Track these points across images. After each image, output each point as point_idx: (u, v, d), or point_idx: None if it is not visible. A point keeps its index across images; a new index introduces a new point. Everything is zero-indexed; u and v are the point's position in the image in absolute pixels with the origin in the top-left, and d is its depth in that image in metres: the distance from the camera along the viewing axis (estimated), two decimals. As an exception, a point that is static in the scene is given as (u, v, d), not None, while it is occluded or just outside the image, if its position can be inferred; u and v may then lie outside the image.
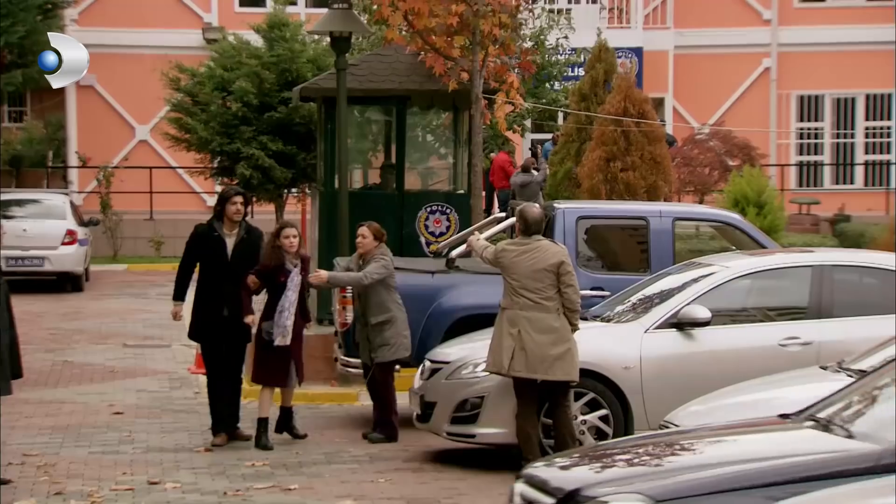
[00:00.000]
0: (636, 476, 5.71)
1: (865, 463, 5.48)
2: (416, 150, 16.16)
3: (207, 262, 10.84)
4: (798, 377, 8.42)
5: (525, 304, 9.57)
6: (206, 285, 10.83)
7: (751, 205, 17.29)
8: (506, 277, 9.75)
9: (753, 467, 5.55)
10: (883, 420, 5.87)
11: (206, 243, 10.83)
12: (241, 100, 17.16)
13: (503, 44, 14.95)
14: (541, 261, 9.62)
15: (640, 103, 17.22)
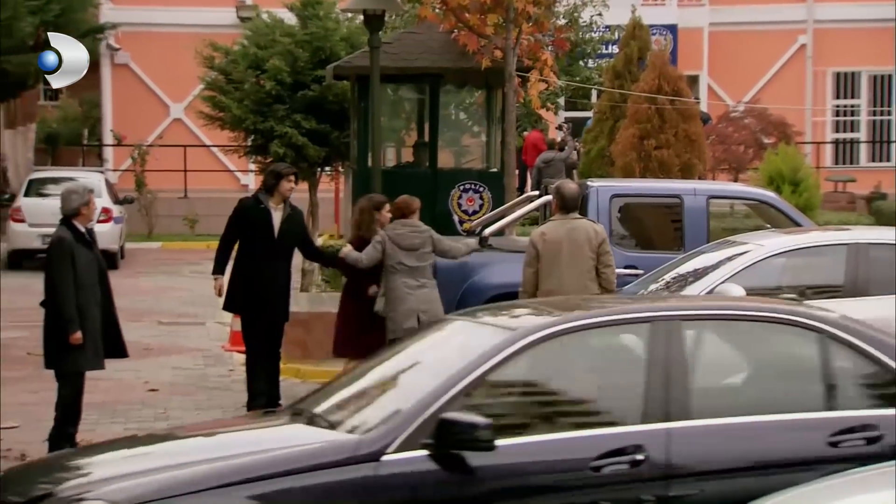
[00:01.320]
0: (109, 479, 5.46)
1: (344, 453, 5.51)
2: (450, 129, 16.16)
3: (253, 235, 10.68)
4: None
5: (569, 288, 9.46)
6: (251, 259, 10.68)
7: (786, 183, 17.19)
8: (543, 259, 9.57)
9: (229, 463, 5.47)
10: (362, 412, 5.90)
11: (253, 217, 10.70)
12: (274, 78, 17.17)
13: (537, 21, 14.90)
14: (583, 241, 9.49)
15: (674, 81, 17.13)
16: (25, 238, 21.40)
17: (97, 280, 9.47)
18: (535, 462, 5.60)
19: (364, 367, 6.56)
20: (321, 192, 18.80)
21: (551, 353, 5.83)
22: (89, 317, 9.33)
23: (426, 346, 6.38)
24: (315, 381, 12.93)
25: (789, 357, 6.04)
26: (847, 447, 5.64)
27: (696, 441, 5.61)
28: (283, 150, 17.06)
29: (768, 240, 10.50)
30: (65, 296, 9.25)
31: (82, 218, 9.49)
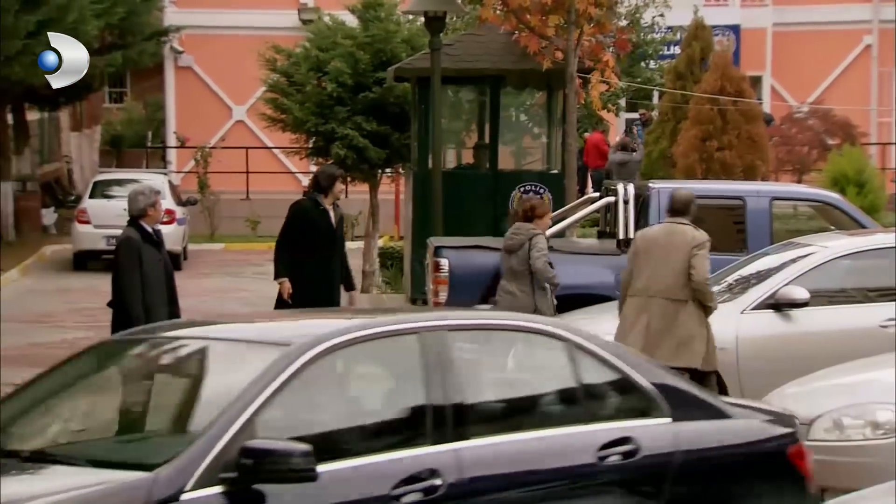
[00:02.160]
0: None
1: (136, 498, 4.74)
2: (510, 130, 16.14)
3: (312, 235, 10.73)
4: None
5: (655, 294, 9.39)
6: (311, 259, 10.70)
7: (850, 184, 17.01)
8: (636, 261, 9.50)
9: None
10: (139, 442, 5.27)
11: (314, 218, 10.73)
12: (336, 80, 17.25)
13: (598, 22, 14.85)
14: (680, 246, 9.38)
15: (737, 82, 17.00)
16: (91, 239, 21.66)
17: (164, 280, 9.56)
18: (329, 493, 4.96)
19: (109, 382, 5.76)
20: (381, 193, 18.86)
21: (325, 369, 5.26)
22: (157, 316, 9.39)
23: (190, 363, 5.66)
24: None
25: (556, 371, 5.88)
26: (611, 461, 5.56)
27: (485, 462, 5.31)
28: (344, 152, 17.13)
29: (833, 242, 10.40)
30: (132, 295, 9.32)
31: (149, 219, 9.56)
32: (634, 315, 9.42)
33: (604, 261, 11.61)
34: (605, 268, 11.54)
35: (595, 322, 10.33)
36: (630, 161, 22.25)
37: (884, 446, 7.01)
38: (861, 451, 7.07)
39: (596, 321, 10.36)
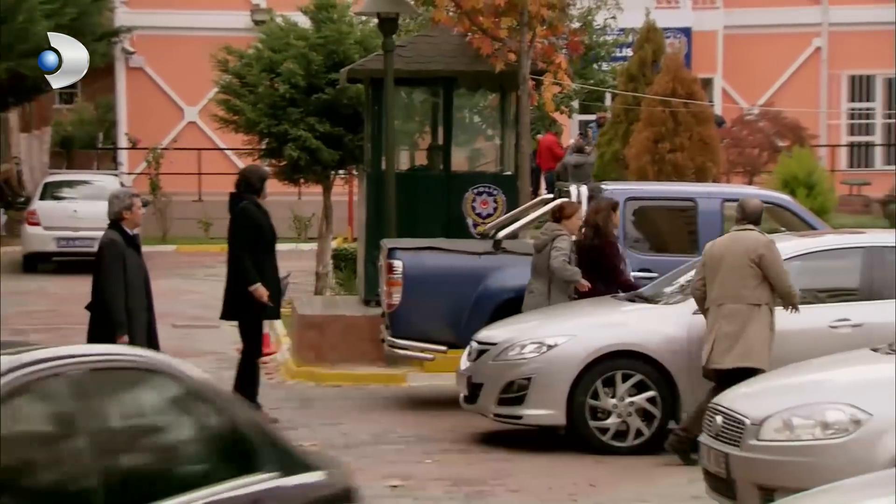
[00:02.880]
0: None
1: None
2: (463, 132, 16.14)
3: (264, 237, 10.88)
4: (848, 359, 8.35)
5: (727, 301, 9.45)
6: (266, 260, 10.86)
7: (801, 186, 17.15)
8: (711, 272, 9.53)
9: None
10: None
11: (261, 220, 10.89)
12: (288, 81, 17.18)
13: (551, 24, 14.88)
14: (749, 253, 9.42)
15: (688, 84, 17.10)
16: (41, 241, 21.46)
17: (143, 285, 9.51)
18: None
19: None
20: (335, 195, 18.81)
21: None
22: (137, 321, 9.36)
23: None
24: (329, 384, 12.95)
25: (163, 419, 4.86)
26: None
27: None
28: (297, 154, 17.07)
29: (783, 243, 10.47)
30: (116, 300, 9.28)
31: (127, 222, 9.52)
32: (711, 324, 9.46)
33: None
34: (559, 269, 11.56)
35: (548, 323, 10.37)
36: (585, 163, 22.34)
37: (833, 446, 7.06)
38: (811, 451, 7.12)
39: (549, 323, 10.40)
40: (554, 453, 9.95)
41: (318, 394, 12.52)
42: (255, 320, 10.99)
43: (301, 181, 18.62)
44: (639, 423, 9.91)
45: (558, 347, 9.98)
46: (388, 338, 11.90)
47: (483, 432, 10.64)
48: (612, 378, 9.94)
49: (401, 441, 10.47)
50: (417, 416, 11.39)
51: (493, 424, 10.52)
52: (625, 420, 9.91)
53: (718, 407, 7.69)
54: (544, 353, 10.00)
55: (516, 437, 10.43)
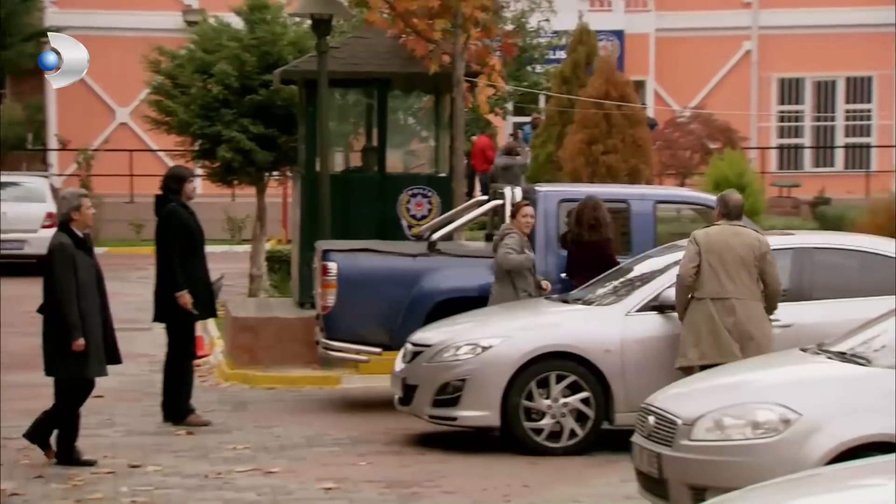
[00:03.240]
0: None
1: None
2: (398, 133, 16.15)
3: (193, 239, 10.86)
4: (778, 359, 8.46)
5: (740, 293, 9.49)
6: (196, 263, 10.85)
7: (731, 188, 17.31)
8: (709, 261, 9.55)
9: None
10: None
11: (188, 221, 10.85)
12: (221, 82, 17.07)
13: (485, 27, 14.92)
14: (750, 248, 9.53)
15: (621, 86, 17.22)
16: (-32, 243, 21.15)
17: (96, 286, 9.41)
18: None
19: None
20: (269, 196, 18.72)
21: None
22: (91, 323, 9.28)
23: None
24: (263, 386, 12.88)
25: None
26: None
27: None
28: (230, 155, 16.98)
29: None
30: (68, 302, 9.20)
31: (77, 223, 9.43)
32: (708, 317, 9.44)
33: (491, 264, 11.67)
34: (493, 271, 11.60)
35: (483, 325, 10.40)
36: (514, 165, 22.44)
37: (764, 446, 7.14)
38: (742, 451, 7.19)
39: (483, 324, 10.43)
40: (488, 454, 9.98)
41: (252, 396, 12.46)
42: (185, 323, 10.94)
43: (235, 183, 18.51)
44: (573, 424, 9.97)
45: (493, 349, 10.01)
46: (322, 340, 11.87)
47: (417, 434, 10.65)
48: (546, 379, 9.98)
49: (335, 443, 10.44)
50: (352, 418, 11.38)
51: (428, 426, 10.52)
52: (559, 421, 9.96)
53: (651, 407, 7.75)
54: (479, 354, 10.02)
55: (451, 439, 10.44)
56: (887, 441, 6.88)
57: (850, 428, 7.04)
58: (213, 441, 10.44)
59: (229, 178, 17.93)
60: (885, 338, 7.72)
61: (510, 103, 25.43)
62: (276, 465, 9.64)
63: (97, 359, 9.40)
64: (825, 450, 6.98)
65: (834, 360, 7.64)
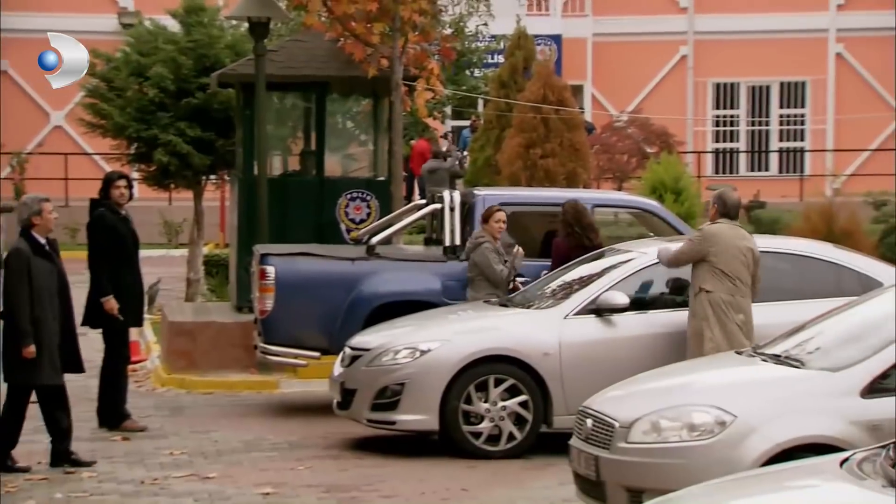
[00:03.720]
0: None
1: None
2: (336, 137, 16.10)
3: (123, 244, 10.80)
4: (714, 362, 8.53)
5: (744, 292, 9.61)
6: (126, 269, 10.79)
7: (668, 191, 17.44)
8: (716, 257, 9.63)
9: None
10: None
11: (117, 226, 10.79)
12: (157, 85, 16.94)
13: (423, 30, 14.93)
14: (749, 248, 9.68)
15: (559, 90, 17.29)
16: None
17: (56, 292, 9.34)
18: None
19: None
20: (206, 200, 18.61)
21: None
22: (46, 330, 9.22)
23: None
24: (201, 391, 12.80)
25: None
26: None
27: None
28: (166, 159, 16.86)
29: (651, 248, 10.65)
30: (20, 309, 9.17)
31: (38, 228, 9.40)
32: (729, 314, 9.54)
33: (431, 268, 11.69)
34: (432, 274, 11.62)
35: (421, 329, 10.40)
36: (440, 168, 22.52)
37: (700, 447, 7.20)
38: (678, 453, 7.24)
39: (422, 328, 10.43)
40: (427, 458, 9.98)
41: (189, 401, 12.37)
42: (118, 328, 10.87)
43: (171, 186, 18.37)
44: (511, 428, 9.99)
45: (432, 353, 10.01)
46: (260, 344, 11.81)
47: (356, 438, 10.63)
48: (484, 383, 10.00)
49: (273, 448, 10.39)
50: (290, 423, 11.33)
51: (367, 430, 10.50)
52: (497, 424, 9.98)
53: (588, 410, 7.78)
54: (418, 358, 10.02)
55: (390, 443, 10.43)
56: (821, 442, 6.97)
57: (785, 429, 7.11)
58: (149, 446, 10.35)
59: (166, 181, 17.80)
60: (819, 340, 7.82)
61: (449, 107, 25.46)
62: (213, 470, 9.57)
63: (51, 366, 9.35)
64: (760, 451, 7.05)
65: (769, 362, 7.72)
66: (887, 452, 5.14)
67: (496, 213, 11.23)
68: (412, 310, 11.05)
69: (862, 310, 8.00)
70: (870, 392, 7.16)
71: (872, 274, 10.26)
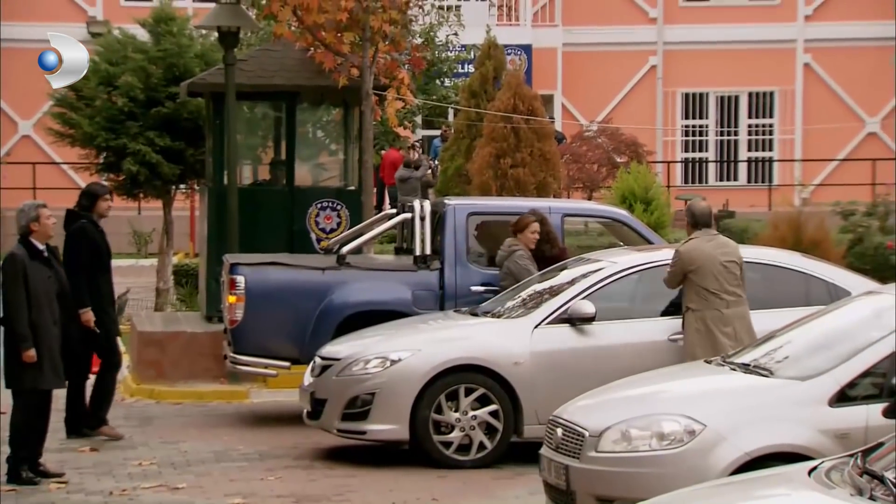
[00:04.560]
0: None
1: None
2: (307, 147, 16.08)
3: (100, 257, 10.91)
4: (684, 371, 8.57)
5: (731, 302, 9.59)
6: (102, 280, 10.89)
7: (638, 201, 17.51)
8: (696, 275, 9.63)
9: None
10: None
11: (96, 238, 10.85)
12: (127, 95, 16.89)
13: (393, 40, 14.94)
14: (731, 254, 9.69)
15: (529, 100, 17.32)
16: None
17: (55, 297, 9.39)
18: None
19: None
20: (176, 210, 18.55)
21: None
22: (45, 334, 9.23)
23: None
24: (170, 401, 12.74)
25: None
26: None
27: None
28: (136, 168, 16.81)
29: (621, 257, 10.69)
30: (16, 314, 9.22)
31: (37, 235, 9.45)
32: (716, 329, 9.54)
33: (401, 277, 11.68)
34: (402, 284, 11.61)
35: (392, 339, 10.40)
36: (411, 178, 22.55)
37: (669, 456, 7.22)
38: (648, 462, 7.26)
39: (393, 338, 10.42)
40: (398, 468, 9.97)
41: (159, 411, 12.32)
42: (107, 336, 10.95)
43: (141, 196, 18.31)
44: (482, 437, 9.99)
45: (402, 362, 10.01)
46: (230, 354, 11.78)
47: (327, 448, 10.60)
48: (455, 392, 10.00)
49: (243, 458, 10.36)
50: (260, 433, 11.30)
51: (337, 440, 10.48)
52: (468, 434, 9.98)
53: (559, 419, 7.79)
54: (388, 367, 10.02)
55: (360, 453, 10.41)
56: (790, 451, 7.00)
57: (754, 438, 7.15)
58: (118, 457, 10.30)
59: (135, 191, 17.75)
60: (787, 349, 7.86)
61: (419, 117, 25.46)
62: (182, 480, 9.54)
63: (52, 371, 9.36)
64: (730, 460, 7.08)
65: (738, 371, 7.75)
66: (855, 461, 5.18)
67: (532, 224, 11.24)
68: (382, 319, 11.05)
69: (830, 319, 8.05)
70: (838, 401, 7.21)
71: (840, 283, 10.32)
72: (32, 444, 9.46)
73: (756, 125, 30.06)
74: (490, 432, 10.00)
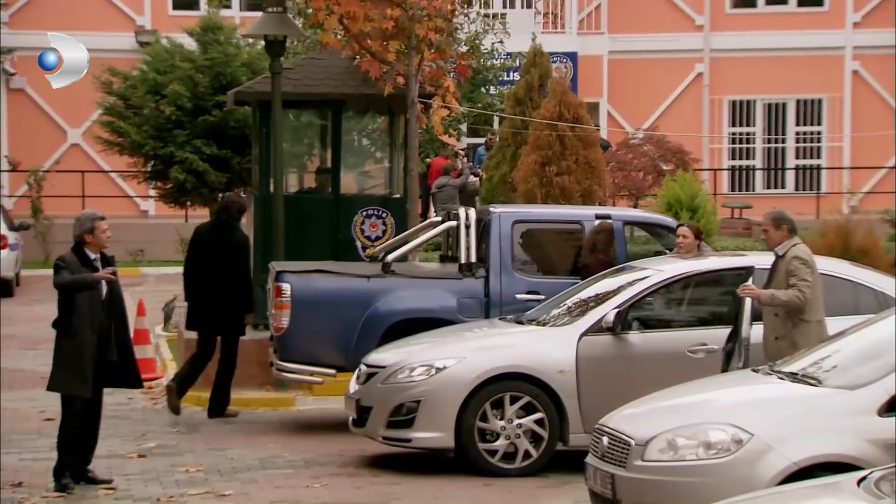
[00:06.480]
0: None
1: None
2: (352, 154, 16.13)
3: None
4: (731, 380, 8.51)
5: None
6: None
7: (684, 209, 17.42)
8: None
9: None
10: None
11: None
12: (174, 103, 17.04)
13: (439, 48, 14.96)
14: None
15: (574, 108, 17.28)
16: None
17: (105, 307, 9.44)
18: None
19: None
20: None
21: None
22: (82, 342, 9.28)
23: None
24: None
25: None
26: None
27: None
28: (183, 176, 16.94)
29: (667, 265, 10.63)
30: (70, 281, 9.33)
31: (91, 245, 9.52)
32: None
33: (446, 285, 11.68)
34: (447, 292, 11.61)
35: (437, 346, 10.39)
36: (447, 185, 22.57)
37: (716, 466, 7.17)
38: (694, 471, 7.22)
39: (438, 346, 10.42)
40: (443, 476, 9.96)
41: (205, 418, 12.38)
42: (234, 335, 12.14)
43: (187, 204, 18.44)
44: (527, 445, 9.97)
45: (447, 370, 10.01)
46: (276, 361, 11.82)
47: (372, 456, 10.62)
48: (500, 400, 9.98)
49: (288, 465, 10.39)
50: (306, 440, 11.33)
51: (382, 448, 10.50)
52: (513, 442, 9.96)
53: (604, 428, 7.76)
54: (433, 375, 10.02)
55: (405, 461, 10.42)
56: (838, 461, 6.94)
57: (802, 448, 7.09)
58: (165, 464, 10.36)
59: (182, 199, 17.87)
60: (835, 358, 7.79)
61: (464, 124, 25.48)
62: (229, 487, 9.57)
63: (81, 379, 9.42)
64: (777, 470, 7.03)
65: (785, 380, 7.69)
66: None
67: (679, 228, 11.00)
68: (428, 327, 11.05)
69: (879, 328, 7.98)
70: (887, 410, 7.14)
71: (889, 292, 10.22)
72: (79, 450, 9.50)
73: (804, 133, 29.85)
74: (535, 440, 9.98)
